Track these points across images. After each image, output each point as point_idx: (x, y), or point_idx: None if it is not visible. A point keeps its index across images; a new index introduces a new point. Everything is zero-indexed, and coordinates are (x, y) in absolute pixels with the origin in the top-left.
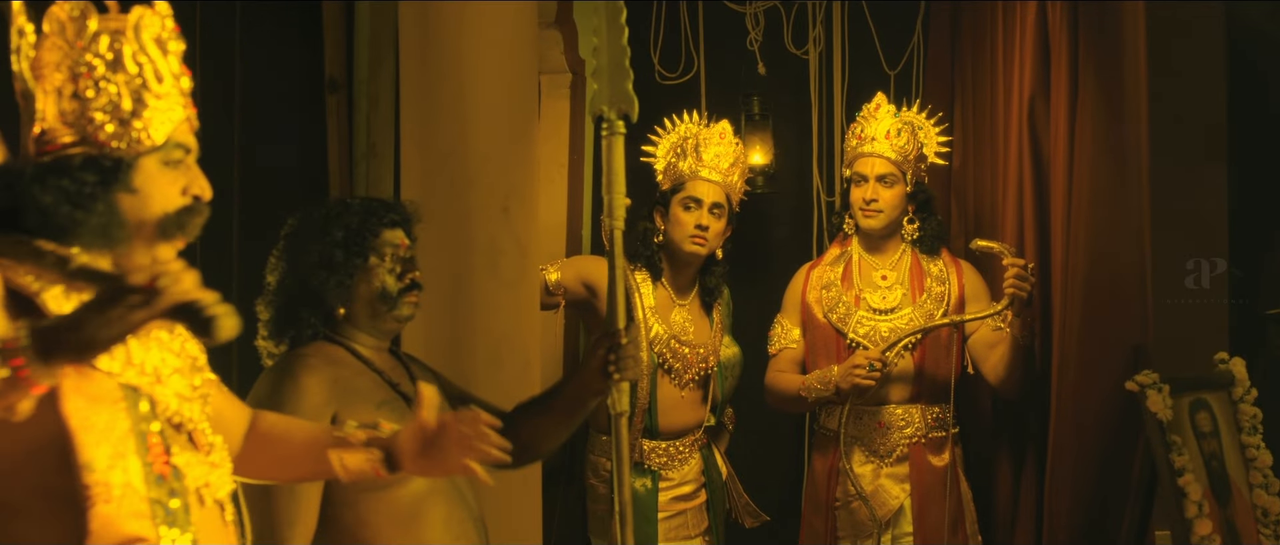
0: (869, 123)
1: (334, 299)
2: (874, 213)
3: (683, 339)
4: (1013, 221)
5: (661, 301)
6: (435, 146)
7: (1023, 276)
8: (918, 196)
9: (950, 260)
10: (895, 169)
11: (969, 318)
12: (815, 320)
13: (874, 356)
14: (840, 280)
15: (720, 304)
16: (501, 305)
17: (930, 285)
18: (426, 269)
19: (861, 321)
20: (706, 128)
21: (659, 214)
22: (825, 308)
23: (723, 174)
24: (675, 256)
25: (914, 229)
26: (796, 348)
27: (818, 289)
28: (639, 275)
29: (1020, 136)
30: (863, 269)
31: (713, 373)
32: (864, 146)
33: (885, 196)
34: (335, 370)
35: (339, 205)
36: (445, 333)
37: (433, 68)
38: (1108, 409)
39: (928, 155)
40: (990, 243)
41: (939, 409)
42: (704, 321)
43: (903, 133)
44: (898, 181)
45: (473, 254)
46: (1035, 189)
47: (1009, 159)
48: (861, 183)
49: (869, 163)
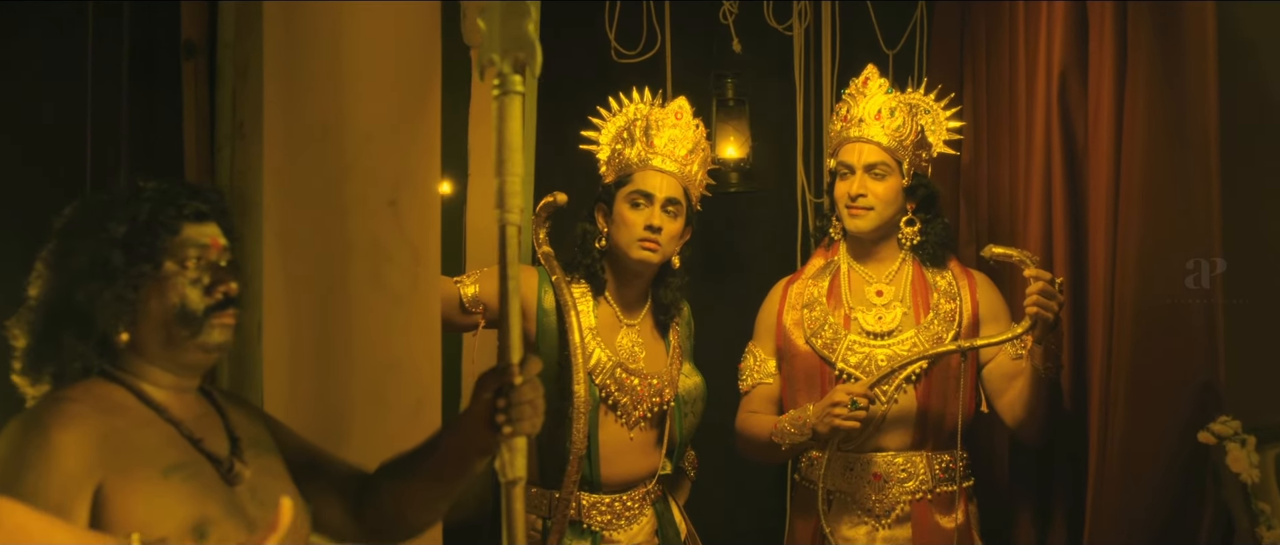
0: (856, 101)
1: (110, 320)
2: (861, 210)
3: (631, 367)
4: (1039, 226)
5: (605, 321)
6: (304, 123)
7: (1049, 293)
8: (917, 192)
9: (961, 272)
10: (888, 157)
11: (983, 342)
12: (794, 347)
13: (857, 391)
14: (825, 297)
15: (678, 324)
16: (388, 324)
17: (937, 302)
18: (291, 278)
19: (853, 347)
20: (659, 107)
21: (601, 213)
22: (808, 331)
23: (679, 163)
24: (621, 265)
25: (914, 232)
26: (773, 383)
27: (798, 309)
28: (577, 289)
29: (1048, 122)
30: (853, 282)
31: (669, 409)
32: (850, 130)
33: (876, 191)
34: (107, 422)
35: (127, 191)
36: (310, 362)
37: (302, 26)
38: (1167, 464)
39: (932, 142)
40: (1007, 250)
41: (949, 457)
42: (658, 345)
43: (897, 113)
44: (891, 173)
45: (350, 259)
46: (1068, 186)
47: (1033, 150)
48: (847, 174)
49: (856, 150)
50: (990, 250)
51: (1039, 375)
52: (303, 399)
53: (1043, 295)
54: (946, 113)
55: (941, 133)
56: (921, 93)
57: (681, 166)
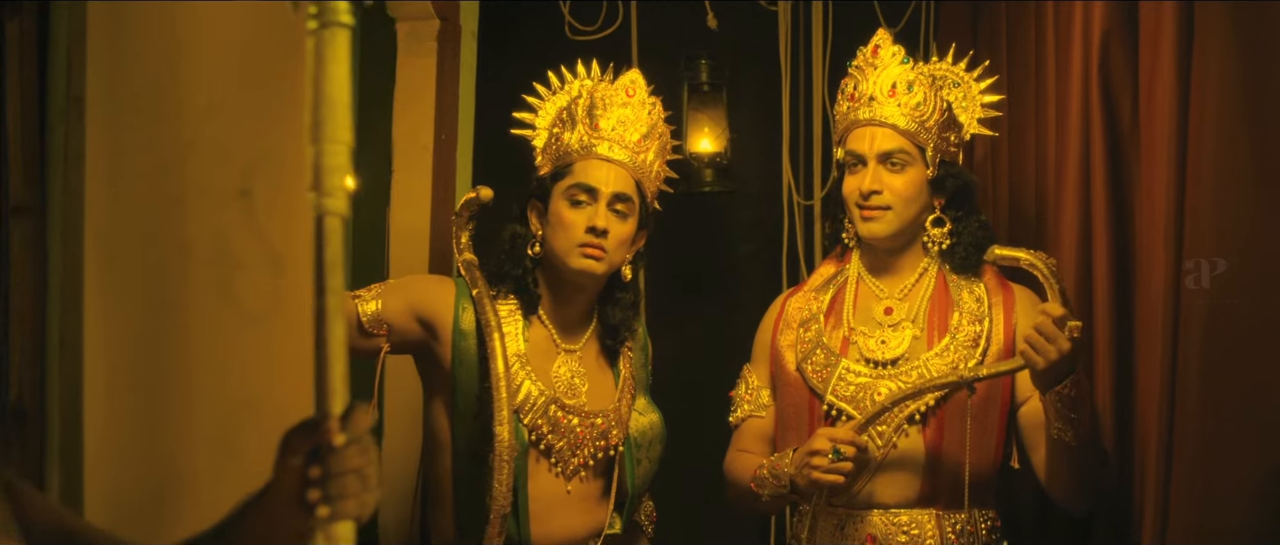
0: (865, 75)
1: None
2: (876, 211)
3: (569, 403)
4: (1073, 225)
5: (538, 346)
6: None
7: (1049, 334)
8: (946, 184)
9: (998, 285)
10: (907, 143)
11: (990, 372)
12: (785, 374)
13: (841, 436)
14: (825, 314)
15: (630, 349)
16: (240, 350)
17: (960, 323)
18: (113, 291)
19: (846, 377)
20: (607, 83)
21: (535, 213)
22: (800, 354)
23: (630, 150)
24: (559, 277)
25: (943, 234)
26: (766, 417)
27: (794, 327)
28: (504, 306)
29: (1085, 97)
30: (861, 298)
31: (618, 454)
32: (860, 110)
33: (893, 185)
34: None
35: None
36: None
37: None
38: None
39: (962, 121)
40: (1013, 251)
41: (965, 517)
42: (604, 376)
43: (917, 87)
44: (912, 162)
45: (187, 265)
46: (1110, 176)
47: (1067, 132)
48: (857, 166)
49: (866, 135)
50: (993, 252)
51: (1055, 440)
52: (128, 444)
53: (1040, 333)
54: (980, 84)
55: (974, 109)
56: (948, 62)
57: (633, 155)
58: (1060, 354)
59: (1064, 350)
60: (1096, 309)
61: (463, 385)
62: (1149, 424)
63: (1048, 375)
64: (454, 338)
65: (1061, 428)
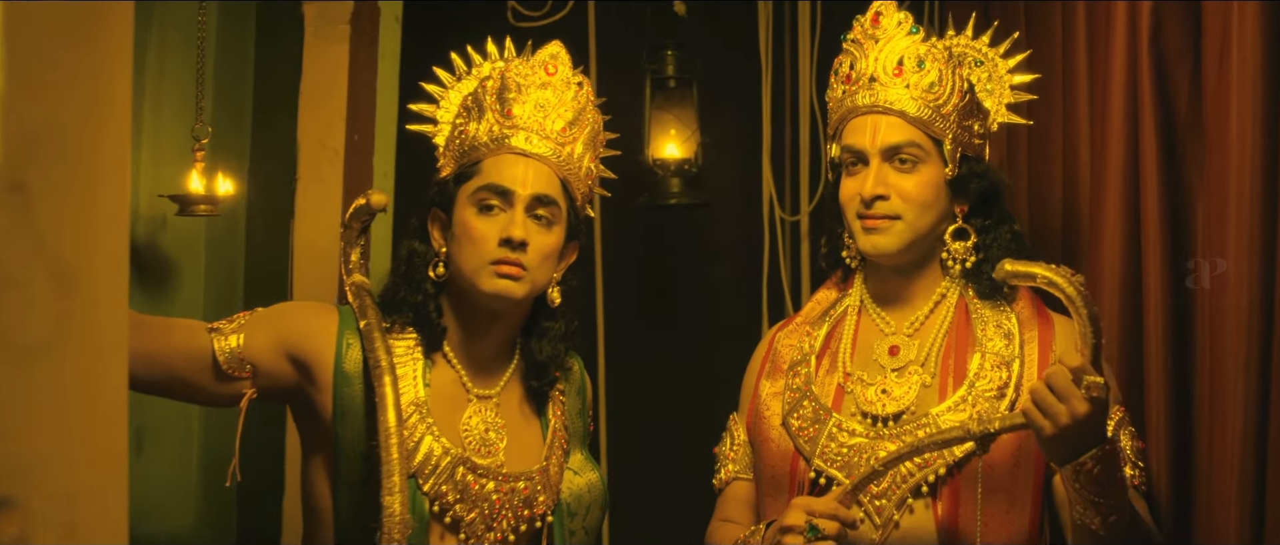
0: (865, 50)
1: None
2: (882, 221)
3: (483, 463)
4: (1117, 234)
5: (443, 392)
6: None
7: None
8: (971, 186)
9: (1034, 314)
10: (919, 135)
11: (1002, 426)
12: (765, 429)
13: (821, 508)
14: (818, 354)
15: (563, 392)
16: (14, 394)
17: (981, 367)
18: None
19: (837, 436)
20: (522, 62)
21: (436, 225)
22: (787, 404)
23: (553, 141)
24: (468, 304)
25: (966, 249)
26: (753, 477)
27: (783, 371)
28: (400, 342)
29: (1132, 84)
30: (862, 334)
31: (546, 525)
32: (858, 94)
33: (903, 189)
34: None
35: None
36: None
37: None
38: None
39: (988, 108)
40: (1028, 266)
41: None
42: (529, 428)
43: (930, 64)
44: (926, 158)
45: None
46: (1164, 174)
47: (1107, 125)
48: (856, 166)
49: (867, 126)
50: (1002, 268)
51: (1078, 525)
52: None
53: (1050, 389)
54: (1008, 61)
55: (1002, 92)
56: (967, 35)
57: (556, 146)
58: (1073, 419)
59: (1078, 414)
60: (1148, 341)
61: (346, 443)
62: (1225, 491)
63: (1060, 445)
64: (335, 382)
65: (1084, 512)
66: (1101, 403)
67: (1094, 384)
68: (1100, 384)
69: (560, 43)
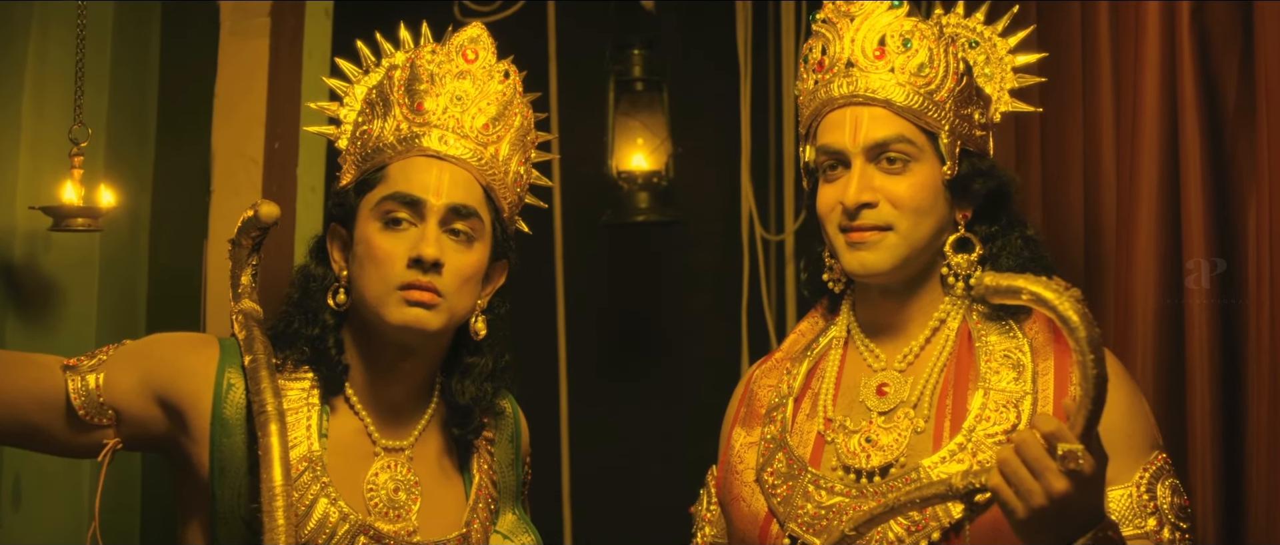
0: (840, 30)
1: None
2: (869, 235)
3: (390, 529)
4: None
5: (344, 444)
6: None
7: (1040, 464)
8: (973, 186)
9: (1049, 340)
10: (909, 128)
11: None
12: (737, 486)
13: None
14: (797, 396)
15: (493, 441)
16: None
17: (984, 409)
18: None
19: (815, 496)
20: (438, 48)
21: (336, 245)
22: (761, 458)
23: (473, 140)
24: (375, 338)
25: (969, 263)
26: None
27: (758, 418)
28: (294, 384)
29: (1170, 69)
30: (848, 371)
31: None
32: (834, 83)
33: (895, 193)
34: None
35: None
36: None
37: None
38: None
39: (990, 94)
40: (1009, 279)
41: None
42: (449, 485)
43: (918, 43)
44: (919, 156)
45: None
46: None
47: (1139, 116)
48: (835, 169)
49: (846, 121)
50: (982, 283)
51: None
52: None
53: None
54: (1009, 40)
55: (1004, 75)
56: (958, 12)
57: (477, 147)
58: (1050, 498)
59: (1055, 492)
60: (1191, 368)
61: (224, 505)
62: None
63: (1039, 529)
64: (212, 432)
65: None
66: (1086, 477)
67: (1072, 454)
68: (1078, 453)
69: (481, 24)
